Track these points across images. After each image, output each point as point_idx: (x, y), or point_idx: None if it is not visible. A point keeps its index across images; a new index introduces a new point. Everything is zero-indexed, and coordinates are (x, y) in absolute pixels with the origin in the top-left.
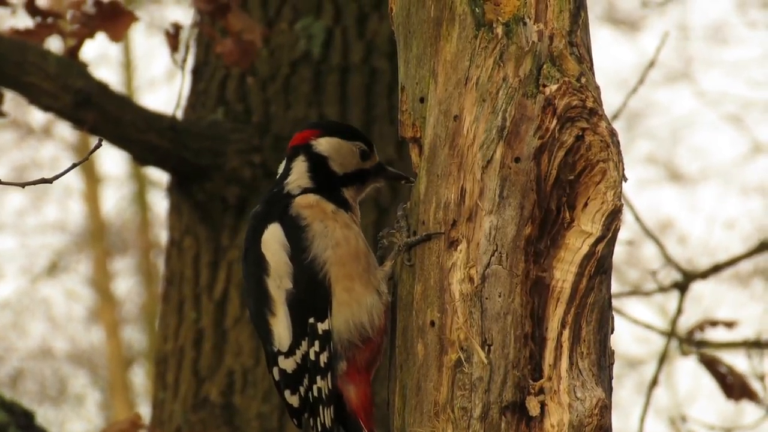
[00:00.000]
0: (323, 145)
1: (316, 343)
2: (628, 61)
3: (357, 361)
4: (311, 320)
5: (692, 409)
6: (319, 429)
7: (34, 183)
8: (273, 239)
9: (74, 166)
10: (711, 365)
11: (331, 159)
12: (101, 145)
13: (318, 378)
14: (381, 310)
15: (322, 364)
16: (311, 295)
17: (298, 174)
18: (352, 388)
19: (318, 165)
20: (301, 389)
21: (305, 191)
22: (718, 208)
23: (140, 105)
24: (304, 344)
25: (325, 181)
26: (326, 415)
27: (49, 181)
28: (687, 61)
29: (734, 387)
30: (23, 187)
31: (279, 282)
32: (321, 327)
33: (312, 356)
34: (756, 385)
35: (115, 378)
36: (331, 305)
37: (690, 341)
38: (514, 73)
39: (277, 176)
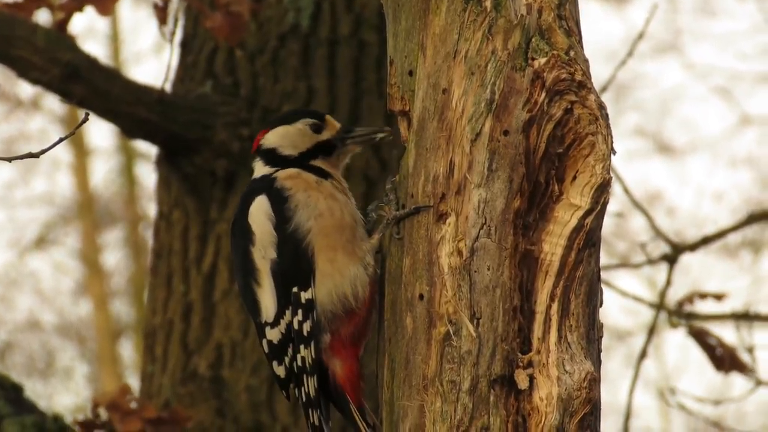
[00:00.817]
0: (269, 139)
1: (300, 312)
2: (616, 34)
3: (342, 334)
4: (295, 289)
5: (680, 381)
6: (304, 399)
7: (21, 157)
8: (259, 210)
9: (61, 140)
10: (700, 337)
11: (280, 147)
12: (88, 119)
13: (301, 347)
14: (365, 282)
15: (305, 333)
16: (295, 265)
17: (259, 170)
18: (337, 362)
19: (271, 157)
20: (287, 359)
21: (278, 169)
22: (706, 180)
23: (128, 78)
24: (288, 313)
25: (287, 163)
26: (310, 385)
27: (36, 155)
28: (675, 33)
29: (724, 359)
30: (10, 161)
31: (264, 252)
32: (304, 296)
33: (296, 325)
34: (745, 357)
35: (103, 351)
36: (314, 275)
37: (679, 313)
38: (503, 46)
39: None
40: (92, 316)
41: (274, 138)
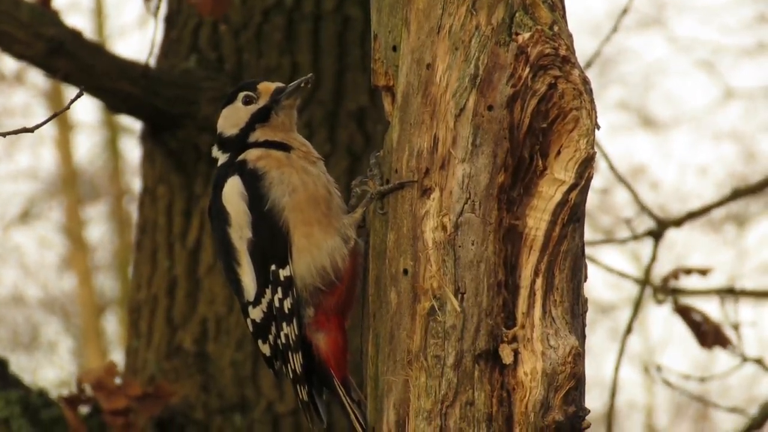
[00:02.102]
0: (218, 123)
1: (279, 289)
2: (600, 7)
3: (325, 307)
4: (273, 267)
5: (664, 356)
6: (291, 375)
7: (16, 132)
8: (232, 191)
9: (55, 115)
10: (685, 313)
11: (224, 129)
12: (82, 94)
13: (284, 324)
14: (344, 254)
15: (286, 311)
16: (271, 243)
17: (219, 158)
18: (321, 336)
19: (221, 142)
20: (270, 337)
21: (234, 154)
22: (690, 154)
23: (113, 53)
24: (268, 292)
25: (232, 146)
26: (296, 361)
27: (30, 130)
28: (659, 6)
29: (708, 335)
30: (4, 136)
31: (240, 232)
32: (282, 273)
33: (276, 303)
34: (730, 333)
35: (87, 325)
36: (291, 252)
37: (664, 289)
38: (487, 21)
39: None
40: (76, 291)
41: (220, 122)
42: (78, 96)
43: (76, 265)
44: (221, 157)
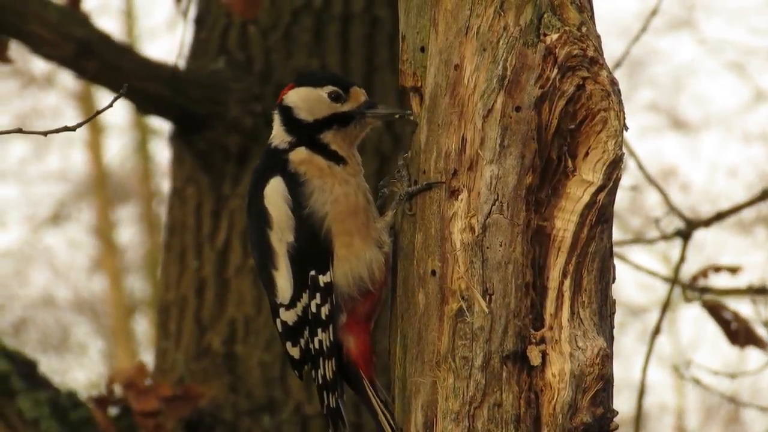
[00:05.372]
0: (291, 97)
1: (318, 295)
2: (629, 9)
3: (357, 313)
4: (312, 273)
5: (695, 356)
6: (320, 381)
7: (57, 131)
8: (275, 192)
9: (98, 113)
10: (715, 311)
11: (297, 108)
12: (125, 92)
13: (319, 330)
14: (381, 264)
15: (323, 317)
16: (312, 248)
17: (276, 129)
18: (351, 338)
19: (288, 117)
20: (302, 341)
21: (291, 145)
22: (720, 156)
23: (141, 54)
24: (305, 297)
25: (300, 130)
26: (327, 368)
27: (72, 129)
28: (689, 8)
29: (739, 333)
30: (45, 135)
31: (281, 235)
32: (323, 279)
33: (313, 308)
34: (761, 332)
35: (117, 326)
36: (332, 259)
37: (694, 288)
38: (515, 22)
39: None
40: (106, 292)
41: (295, 97)
42: (120, 94)
43: (106, 267)
44: (276, 130)
